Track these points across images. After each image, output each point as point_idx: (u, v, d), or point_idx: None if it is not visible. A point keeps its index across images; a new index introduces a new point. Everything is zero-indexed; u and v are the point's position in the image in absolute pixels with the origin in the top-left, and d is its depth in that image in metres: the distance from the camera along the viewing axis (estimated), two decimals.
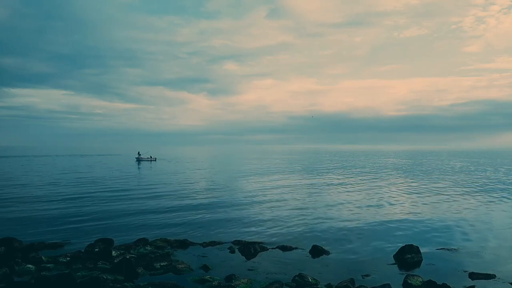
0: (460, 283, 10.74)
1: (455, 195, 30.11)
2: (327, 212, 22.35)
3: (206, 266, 12.00)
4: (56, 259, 12.25)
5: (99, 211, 22.03)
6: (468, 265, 12.44)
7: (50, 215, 20.65)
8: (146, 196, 28.30)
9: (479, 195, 29.86)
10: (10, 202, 24.92)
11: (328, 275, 11.41)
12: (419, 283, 10.42)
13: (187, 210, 22.49)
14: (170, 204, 24.82)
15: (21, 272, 11.03)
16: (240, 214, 21.42)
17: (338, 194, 30.40)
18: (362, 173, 53.21)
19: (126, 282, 10.33)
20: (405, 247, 13.28)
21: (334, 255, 13.70)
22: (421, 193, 31.24)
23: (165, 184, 37.59)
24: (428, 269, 12.08)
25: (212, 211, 22.23)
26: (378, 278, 11.20)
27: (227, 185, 36.87)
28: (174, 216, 20.62)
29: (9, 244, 13.39)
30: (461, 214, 21.71)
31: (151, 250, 13.74)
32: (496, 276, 11.31)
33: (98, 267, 11.59)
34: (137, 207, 23.52)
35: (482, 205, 25.21)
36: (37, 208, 22.80)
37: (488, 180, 43.57)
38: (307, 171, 57.62)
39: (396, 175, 49.74)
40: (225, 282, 10.46)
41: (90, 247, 13.45)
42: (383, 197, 28.53)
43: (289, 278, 10.91)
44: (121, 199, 26.68)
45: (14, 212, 21.33)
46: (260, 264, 12.53)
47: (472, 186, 36.50)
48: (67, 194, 28.99)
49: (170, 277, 10.99)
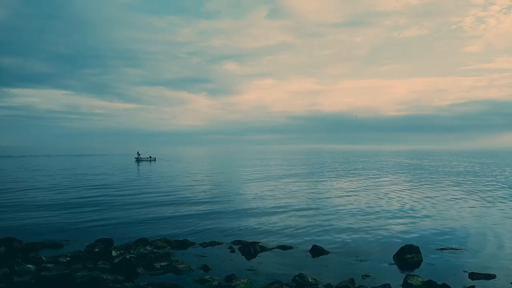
0: (460, 283, 10.74)
1: (456, 195, 30.09)
2: (327, 212, 22.34)
3: (206, 266, 12.00)
4: (56, 259, 12.24)
5: (99, 211, 22.02)
6: (468, 265, 12.43)
7: (50, 215, 20.64)
8: (146, 196, 28.30)
9: (480, 195, 29.85)
10: (10, 202, 24.90)
11: (328, 275, 11.41)
12: (419, 283, 10.42)
13: (187, 210, 22.49)
14: (170, 204, 24.80)
15: (21, 272, 11.03)
16: (240, 214, 21.41)
17: (338, 194, 30.40)
18: (362, 173, 53.20)
19: (126, 282, 10.33)
20: (405, 247, 13.28)
21: (334, 255, 13.70)
22: (422, 193, 31.22)
23: (165, 184, 37.59)
24: (428, 269, 12.08)
25: (212, 211, 22.23)
26: (378, 278, 11.20)
27: (227, 185, 36.87)
28: (174, 216, 20.62)
29: (9, 244, 13.38)
30: (462, 214, 21.70)
31: (151, 250, 13.74)
32: (496, 276, 11.31)
33: (98, 267, 11.58)
34: (137, 207, 23.51)
35: (483, 205, 25.19)
36: (37, 208, 22.80)
37: (489, 180, 43.57)
38: (307, 171, 57.60)
39: (396, 175, 49.73)
40: (225, 282, 10.46)
41: (90, 247, 13.44)
42: (383, 197, 28.52)
43: (289, 278, 10.91)
44: (121, 199, 26.67)
45: (14, 212, 21.32)
46: (260, 264, 12.53)
47: (472, 186, 36.48)
48: (67, 194, 28.98)
49: (170, 277, 10.99)
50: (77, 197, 27.40)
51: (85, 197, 27.42)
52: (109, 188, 33.32)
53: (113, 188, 33.34)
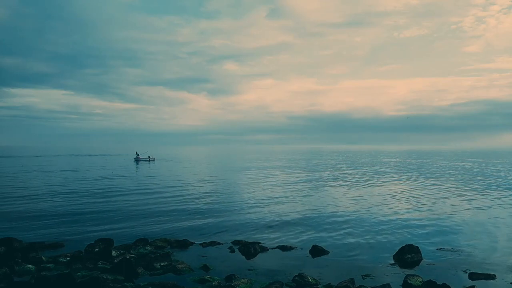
0: (460, 283, 10.75)
1: (456, 195, 30.09)
2: (327, 212, 22.34)
3: (206, 266, 12.00)
4: (56, 259, 12.24)
5: (99, 211, 22.02)
6: (468, 265, 12.43)
7: (50, 215, 20.63)
8: (145, 196, 28.29)
9: (480, 195, 29.84)
10: (10, 202, 24.91)
11: (328, 275, 11.41)
12: (419, 283, 10.42)
13: (187, 210, 22.49)
14: (170, 204, 24.81)
15: (21, 272, 11.03)
16: (240, 214, 21.42)
17: (339, 194, 30.40)
18: (361, 173, 53.20)
19: (126, 282, 10.33)
20: (405, 247, 13.28)
21: (334, 255, 13.70)
22: (422, 192, 31.21)
23: (164, 184, 37.58)
24: (428, 269, 12.08)
25: (212, 211, 22.23)
26: (378, 278, 11.20)
27: (227, 185, 36.87)
28: (174, 216, 20.61)
29: (9, 244, 13.39)
30: (462, 214, 21.70)
31: (151, 250, 13.74)
32: (496, 276, 11.31)
33: (98, 267, 11.59)
34: (137, 207, 23.51)
35: (483, 205, 25.18)
36: (37, 208, 22.79)
37: (490, 180, 43.56)
38: (307, 171, 57.60)
39: (397, 175, 49.72)
40: (225, 282, 10.46)
41: (90, 247, 13.44)
42: (383, 197, 28.52)
43: (289, 278, 10.91)
44: (121, 199, 26.67)
45: (14, 212, 21.32)
46: (260, 264, 12.53)
47: (473, 186, 36.48)
48: (67, 194, 28.99)
49: (170, 277, 10.99)
50: (77, 197, 27.39)
51: (85, 197, 27.42)
52: (109, 188, 33.31)
53: (112, 188, 33.33)
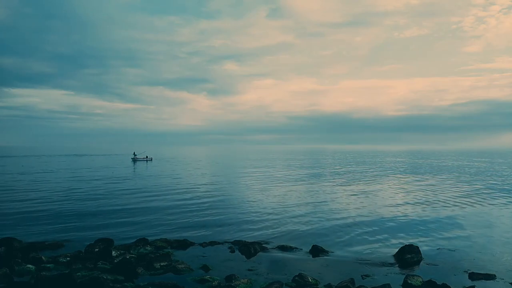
0: (460, 283, 10.75)
1: (456, 195, 30.09)
2: (327, 212, 22.34)
3: (206, 266, 12.00)
4: (56, 259, 12.24)
5: (99, 211, 22.03)
6: (468, 265, 12.44)
7: (50, 215, 20.63)
8: (145, 196, 28.29)
9: (481, 195, 29.84)
10: (10, 202, 24.91)
11: (328, 275, 11.41)
12: (419, 283, 10.42)
13: (187, 210, 22.49)
14: (170, 204, 24.81)
15: (21, 272, 11.02)
16: (240, 214, 21.41)
17: (338, 194, 30.40)
18: (361, 173, 53.20)
19: (126, 282, 10.33)
20: (405, 247, 13.29)
21: (334, 255, 13.70)
22: (422, 193, 31.22)
23: (164, 184, 37.58)
24: (428, 269, 12.09)
25: (212, 211, 22.23)
26: (378, 278, 11.21)
27: (227, 185, 36.87)
28: (174, 216, 20.61)
29: (9, 244, 13.40)
30: (462, 214, 21.71)
31: (151, 250, 13.74)
32: (496, 276, 11.32)
33: (98, 267, 11.58)
34: (137, 207, 23.52)
35: (484, 205, 25.20)
36: (37, 208, 22.79)
37: (490, 180, 43.56)
38: (307, 171, 57.59)
39: (397, 175, 49.73)
40: (225, 282, 10.46)
41: (90, 247, 13.44)
42: (383, 197, 28.53)
43: (289, 278, 10.91)
44: (121, 199, 26.67)
45: (14, 212, 21.31)
46: (260, 264, 12.53)
47: (473, 186, 36.48)
48: (67, 194, 28.98)
49: (170, 277, 10.99)
50: (77, 197, 27.38)
51: (85, 197, 27.41)
52: (109, 188, 33.31)
53: (112, 188, 33.33)
